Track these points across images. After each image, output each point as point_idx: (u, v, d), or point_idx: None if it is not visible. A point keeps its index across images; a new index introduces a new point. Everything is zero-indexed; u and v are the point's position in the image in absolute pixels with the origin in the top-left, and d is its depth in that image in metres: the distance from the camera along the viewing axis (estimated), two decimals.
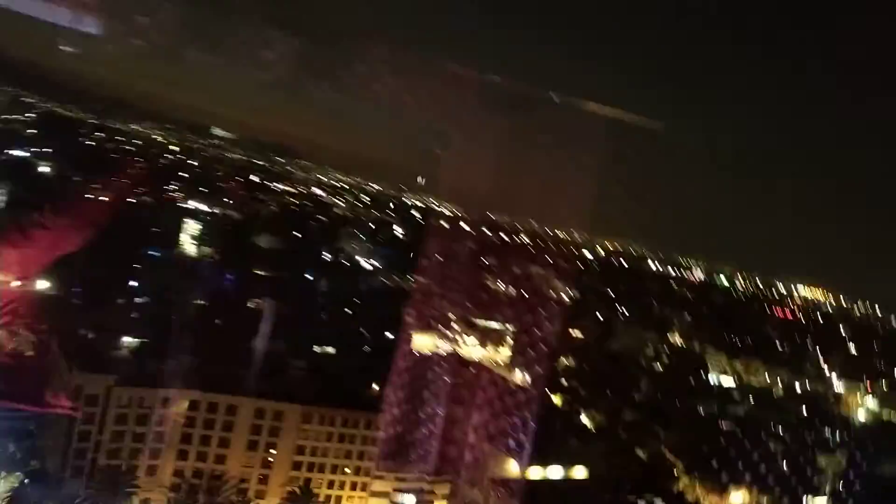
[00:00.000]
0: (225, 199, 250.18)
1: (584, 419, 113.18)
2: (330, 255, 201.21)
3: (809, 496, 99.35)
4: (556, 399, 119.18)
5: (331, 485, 76.23)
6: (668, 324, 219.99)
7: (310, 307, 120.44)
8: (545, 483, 74.21)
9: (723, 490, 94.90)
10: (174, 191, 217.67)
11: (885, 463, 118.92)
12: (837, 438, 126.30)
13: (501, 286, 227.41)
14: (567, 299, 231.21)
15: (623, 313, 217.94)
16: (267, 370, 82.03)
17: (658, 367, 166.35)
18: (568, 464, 79.15)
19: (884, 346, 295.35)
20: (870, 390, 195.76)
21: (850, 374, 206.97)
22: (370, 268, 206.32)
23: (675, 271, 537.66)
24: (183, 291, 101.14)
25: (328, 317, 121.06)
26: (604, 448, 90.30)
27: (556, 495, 68.70)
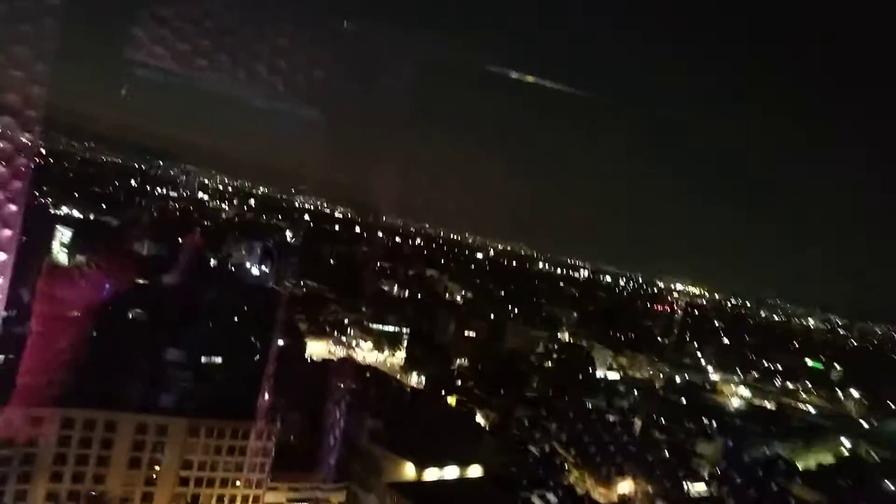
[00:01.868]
0: (101, 205, 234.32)
1: (479, 418, 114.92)
2: (216, 262, 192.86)
3: (690, 481, 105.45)
4: (451, 400, 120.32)
5: (220, 499, 72.78)
6: (557, 322, 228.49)
7: (195, 316, 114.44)
8: (441, 484, 74.46)
9: (611, 481, 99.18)
10: (43, 196, 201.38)
11: (757, 445, 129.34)
12: (714, 425, 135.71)
13: (395, 289, 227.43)
14: (460, 300, 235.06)
15: (514, 312, 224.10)
16: (150, 383, 77.23)
17: (548, 363, 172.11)
18: (463, 463, 79.90)
19: (754, 337, 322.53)
20: (742, 379, 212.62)
21: (724, 364, 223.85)
22: (258, 273, 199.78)
23: (562, 271, 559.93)
24: None
25: (215, 325, 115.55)
26: (498, 446, 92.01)
27: (451, 496, 69.05)
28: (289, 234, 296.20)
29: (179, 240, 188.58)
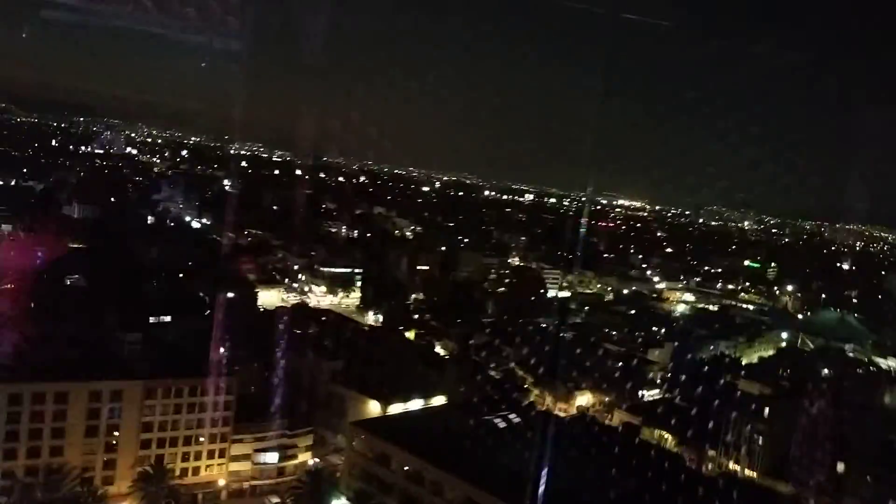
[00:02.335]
0: (21, 170, 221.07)
1: (438, 349, 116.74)
2: (153, 218, 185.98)
3: (645, 389, 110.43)
4: (410, 334, 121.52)
5: (186, 457, 72.56)
6: (506, 247, 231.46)
7: (137, 276, 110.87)
8: (406, 416, 75.94)
9: (569, 394, 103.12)
10: None
11: (703, 346, 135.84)
12: (663, 331, 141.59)
13: (344, 230, 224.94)
14: (410, 235, 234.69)
15: (464, 242, 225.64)
16: (98, 349, 75.14)
17: (502, 289, 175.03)
18: (427, 395, 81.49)
19: (694, 244, 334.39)
20: (685, 285, 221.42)
21: (668, 272, 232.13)
22: (199, 226, 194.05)
23: (508, 197, 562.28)
24: None
25: (159, 284, 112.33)
26: (459, 373, 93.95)
27: (416, 426, 70.61)
28: (227, 182, 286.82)
29: (112, 199, 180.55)
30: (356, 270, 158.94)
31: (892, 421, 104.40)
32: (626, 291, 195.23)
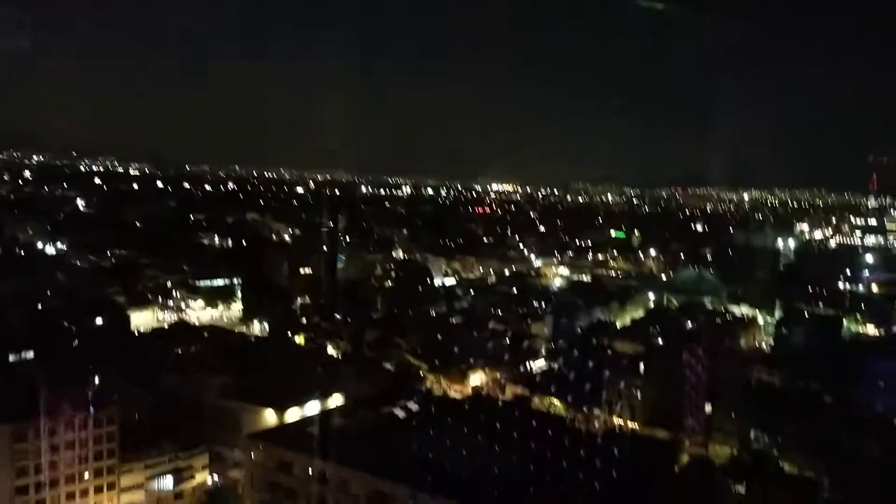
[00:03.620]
0: None
1: (330, 350, 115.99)
2: (1, 249, 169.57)
3: (531, 360, 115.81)
4: (300, 339, 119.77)
5: (71, 497, 67.78)
6: (389, 242, 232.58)
7: None
8: (303, 421, 75.19)
9: (463, 376, 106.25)
10: None
11: (580, 315, 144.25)
12: (543, 305, 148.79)
13: (217, 240, 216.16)
14: (289, 239, 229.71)
15: (346, 241, 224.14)
16: None
17: (388, 283, 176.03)
18: (323, 396, 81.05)
19: (565, 220, 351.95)
20: (560, 260, 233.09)
21: (543, 250, 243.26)
22: (54, 252, 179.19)
23: (386, 191, 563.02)
24: None
25: (16, 318, 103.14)
26: (354, 371, 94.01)
27: (316, 429, 70.16)
28: (80, 202, 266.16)
29: None
30: (235, 281, 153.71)
31: (749, 361, 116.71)
32: (506, 272, 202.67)
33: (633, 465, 63.66)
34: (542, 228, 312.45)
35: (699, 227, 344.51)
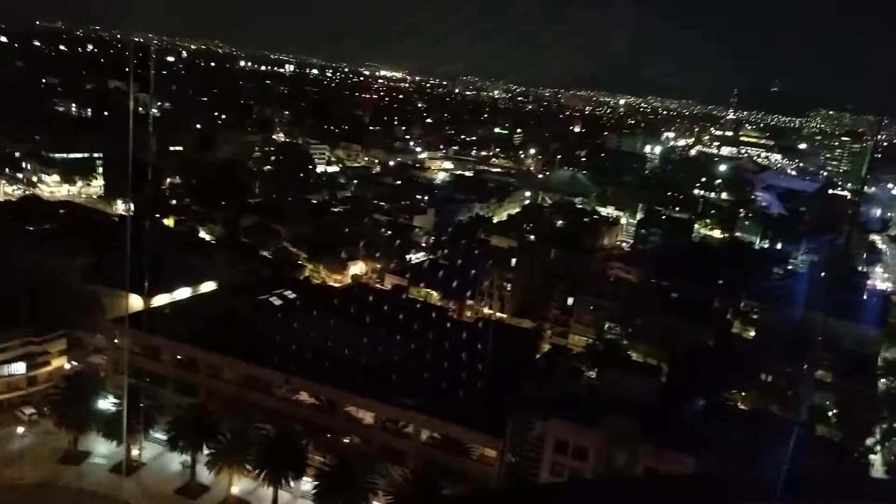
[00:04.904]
0: None
1: (203, 234, 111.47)
2: None
3: (412, 251, 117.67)
4: (169, 221, 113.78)
5: None
6: (269, 123, 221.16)
7: None
8: (172, 306, 72.89)
9: (343, 265, 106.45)
10: None
11: (462, 210, 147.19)
12: (426, 199, 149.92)
13: (74, 108, 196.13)
14: (157, 113, 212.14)
15: (222, 118, 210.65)
16: None
17: (267, 167, 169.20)
18: (194, 282, 78.46)
19: (451, 114, 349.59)
20: (444, 153, 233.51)
21: (428, 142, 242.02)
22: None
23: (267, 68, 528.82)
24: None
25: None
26: (229, 257, 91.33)
27: (184, 314, 68.38)
28: None
29: None
30: (96, 155, 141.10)
31: (610, 258, 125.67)
32: (391, 163, 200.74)
33: (499, 351, 68.11)
34: (428, 120, 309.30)
35: (576, 129, 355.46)
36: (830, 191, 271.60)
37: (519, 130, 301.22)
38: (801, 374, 78.36)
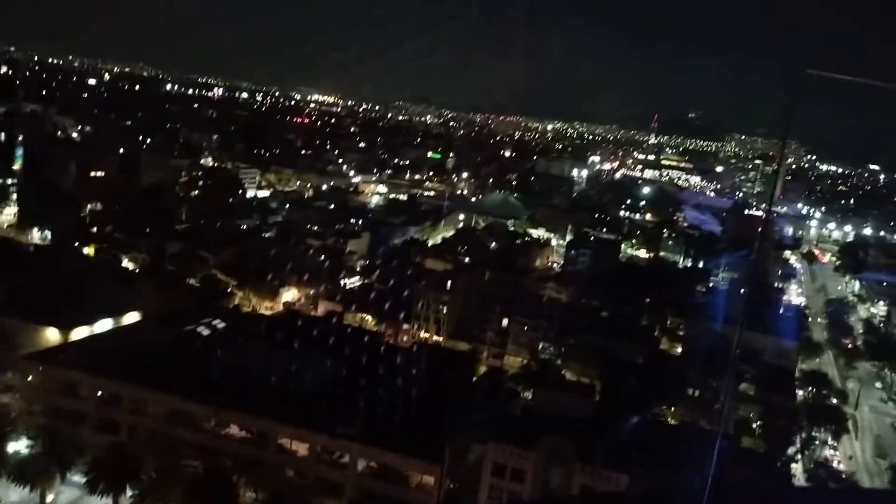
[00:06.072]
0: None
1: (126, 263, 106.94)
2: None
3: (347, 277, 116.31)
4: (90, 250, 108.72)
5: None
6: (197, 147, 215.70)
7: None
8: (93, 339, 69.29)
9: (274, 292, 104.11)
10: None
11: (396, 233, 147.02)
12: (360, 223, 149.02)
13: None
14: (77, 137, 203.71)
15: (147, 143, 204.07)
16: None
17: (195, 192, 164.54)
18: (117, 313, 74.94)
19: (385, 138, 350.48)
20: (378, 177, 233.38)
21: (362, 166, 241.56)
22: None
23: (195, 91, 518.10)
24: None
25: None
26: (155, 286, 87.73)
27: (107, 348, 65.12)
28: None
29: None
30: (9, 181, 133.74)
31: (542, 279, 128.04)
32: (324, 187, 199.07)
33: (435, 375, 67.99)
34: (361, 144, 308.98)
35: (507, 153, 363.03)
36: (746, 211, 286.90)
37: (451, 154, 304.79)
38: (725, 388, 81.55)
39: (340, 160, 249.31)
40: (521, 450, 53.07)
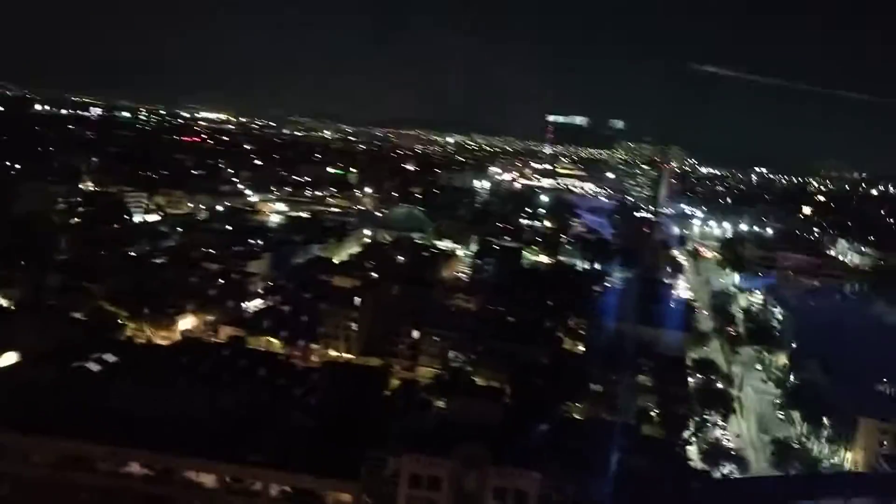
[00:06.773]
0: None
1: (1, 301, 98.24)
2: None
3: (247, 299, 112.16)
4: None
5: None
6: (75, 171, 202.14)
7: None
8: None
9: (170, 321, 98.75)
10: None
11: (299, 252, 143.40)
12: (260, 243, 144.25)
13: None
14: None
15: (15, 168, 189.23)
16: None
17: (74, 219, 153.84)
18: None
19: (282, 154, 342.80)
20: (277, 195, 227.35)
21: (259, 184, 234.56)
22: None
23: (69, 112, 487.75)
24: None
25: None
26: (31, 324, 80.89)
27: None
28: None
29: None
30: None
31: (450, 290, 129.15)
32: (219, 208, 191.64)
33: (347, 392, 66.84)
34: (258, 162, 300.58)
35: (411, 167, 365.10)
36: (636, 213, 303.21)
37: (353, 169, 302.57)
38: (624, 381, 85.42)
39: (235, 179, 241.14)
40: (435, 458, 53.11)
